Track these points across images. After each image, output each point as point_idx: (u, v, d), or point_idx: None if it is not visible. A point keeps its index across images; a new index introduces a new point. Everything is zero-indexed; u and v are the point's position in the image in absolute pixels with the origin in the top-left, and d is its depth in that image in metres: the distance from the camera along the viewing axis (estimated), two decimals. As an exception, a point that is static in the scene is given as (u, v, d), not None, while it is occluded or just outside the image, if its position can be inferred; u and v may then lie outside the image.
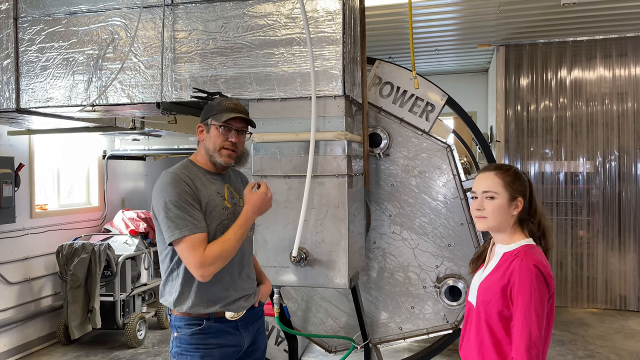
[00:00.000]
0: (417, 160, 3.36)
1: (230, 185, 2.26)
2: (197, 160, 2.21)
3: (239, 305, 2.17)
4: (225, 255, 2.01)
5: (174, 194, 2.00)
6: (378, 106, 3.38)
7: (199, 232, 1.99)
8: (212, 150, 2.15)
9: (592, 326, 5.88)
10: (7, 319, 4.91)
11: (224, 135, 2.13)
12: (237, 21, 2.97)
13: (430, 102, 3.35)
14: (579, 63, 6.55)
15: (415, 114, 3.36)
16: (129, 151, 6.23)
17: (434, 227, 3.34)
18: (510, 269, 1.85)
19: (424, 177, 3.34)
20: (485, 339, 1.91)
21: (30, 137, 5.20)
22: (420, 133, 3.34)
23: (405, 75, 3.36)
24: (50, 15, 3.28)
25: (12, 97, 3.34)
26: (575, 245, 6.62)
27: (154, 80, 3.11)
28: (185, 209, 1.99)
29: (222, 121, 2.12)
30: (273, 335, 3.66)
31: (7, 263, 4.94)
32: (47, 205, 5.59)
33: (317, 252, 2.84)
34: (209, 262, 1.96)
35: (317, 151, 2.80)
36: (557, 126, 6.64)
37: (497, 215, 1.95)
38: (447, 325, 3.39)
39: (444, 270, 3.35)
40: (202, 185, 2.11)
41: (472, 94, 8.31)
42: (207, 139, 2.17)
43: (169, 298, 2.13)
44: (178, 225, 1.97)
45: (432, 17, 5.80)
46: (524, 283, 1.81)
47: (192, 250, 1.96)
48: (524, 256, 1.87)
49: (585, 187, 6.56)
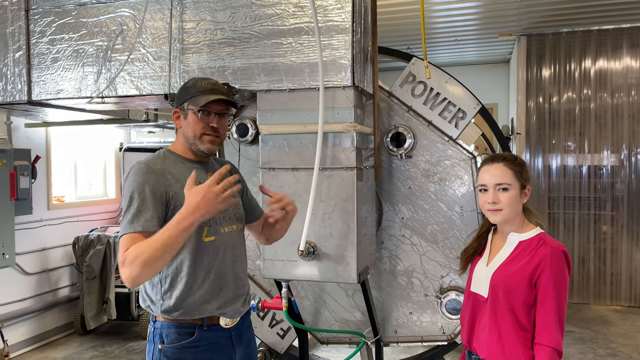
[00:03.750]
0: (439, 166, 3.25)
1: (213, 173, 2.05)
2: (177, 149, 2.04)
3: (234, 310, 2.02)
4: (147, 258, 1.69)
5: (137, 185, 1.84)
6: (408, 105, 3.26)
7: (141, 231, 1.76)
8: (193, 138, 1.97)
9: (614, 324, 5.71)
10: (25, 309, 4.99)
11: (203, 121, 1.94)
12: (245, 10, 2.91)
13: (462, 108, 3.22)
14: (604, 53, 6.34)
15: (445, 119, 3.23)
16: (145, 143, 6.26)
17: (446, 237, 3.25)
18: (539, 255, 1.89)
19: (444, 185, 3.23)
20: (506, 326, 1.93)
21: (47, 129, 5.25)
22: (447, 139, 3.21)
23: (441, 77, 3.23)
24: (61, 7, 3.27)
25: (24, 89, 3.35)
26: (599, 240, 6.44)
27: (162, 72, 3.08)
28: (140, 204, 1.80)
29: (200, 105, 1.92)
30: (268, 317, 3.61)
31: (24, 254, 5.01)
32: (65, 197, 5.65)
33: (325, 246, 2.78)
34: (128, 263, 1.69)
35: (325, 143, 2.73)
36: (580, 118, 6.46)
37: (513, 206, 1.97)
38: (442, 336, 3.30)
39: (449, 282, 3.26)
40: (180, 176, 1.92)
41: (492, 85, 8.14)
42: (186, 125, 1.98)
43: (154, 301, 1.94)
44: (127, 221, 1.80)
45: (452, 6, 5.66)
46: (558, 268, 1.87)
47: (121, 249, 1.76)
48: (551, 243, 1.92)
49: (609, 180, 6.37)
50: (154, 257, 1.70)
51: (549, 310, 1.85)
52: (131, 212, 1.80)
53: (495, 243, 2.10)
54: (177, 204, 1.85)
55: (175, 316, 1.91)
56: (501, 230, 2.08)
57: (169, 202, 1.87)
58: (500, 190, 1.96)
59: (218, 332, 1.98)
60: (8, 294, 4.86)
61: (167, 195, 1.87)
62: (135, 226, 1.77)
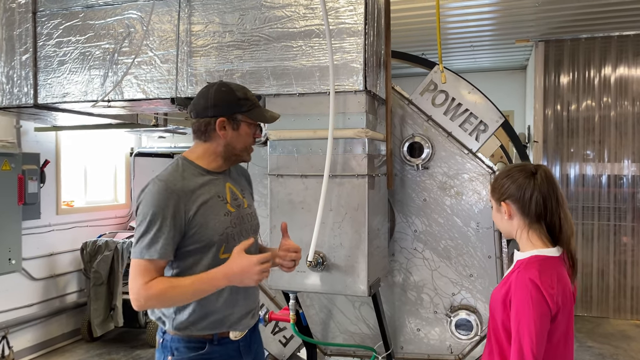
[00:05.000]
0: (456, 179, 3.12)
1: (232, 184, 2.03)
2: (196, 158, 1.95)
3: (245, 324, 1.99)
4: (166, 300, 1.76)
5: (156, 207, 1.77)
6: (428, 114, 3.14)
7: (157, 259, 1.76)
8: (241, 150, 1.96)
9: (635, 339, 5.52)
10: (32, 315, 4.94)
11: (254, 133, 1.97)
12: (254, 13, 2.83)
13: (484, 121, 3.09)
14: (625, 59, 6.17)
15: (465, 131, 3.11)
16: (155, 149, 6.21)
17: (459, 254, 3.11)
18: (510, 280, 1.75)
19: (460, 199, 3.09)
20: (493, 349, 1.82)
21: (57, 133, 5.22)
22: (467, 152, 3.08)
23: (464, 87, 3.10)
24: (68, 9, 3.22)
25: (30, 92, 3.30)
26: (619, 252, 6.25)
27: (170, 75, 3.01)
28: (157, 229, 1.76)
29: (259, 120, 1.95)
30: (271, 324, 3.50)
31: (32, 259, 4.96)
32: (74, 202, 5.61)
33: (334, 256, 2.67)
34: (146, 296, 1.73)
35: (335, 149, 2.63)
36: (599, 126, 6.28)
37: (498, 223, 1.90)
38: (450, 356, 3.16)
39: (460, 300, 3.13)
40: (200, 191, 1.87)
41: (509, 92, 7.99)
42: (235, 137, 1.93)
43: (165, 315, 1.89)
44: (142, 246, 1.76)
45: (467, 10, 5.55)
46: (519, 297, 1.68)
47: (139, 274, 1.74)
48: (523, 269, 1.73)
49: (630, 190, 6.18)
50: (177, 301, 1.80)
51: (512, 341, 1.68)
52: (149, 235, 1.76)
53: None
54: (198, 223, 1.83)
55: (187, 332, 1.88)
56: None
57: (189, 222, 1.83)
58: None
59: (228, 344, 1.95)
60: (14, 299, 4.82)
61: (187, 216, 1.82)
62: (152, 252, 1.76)
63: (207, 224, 1.85)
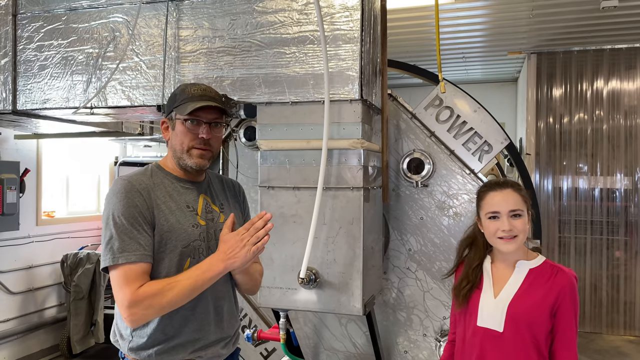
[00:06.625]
0: (455, 200, 3.01)
1: (208, 195, 1.85)
2: (166, 165, 1.81)
3: (213, 353, 1.76)
4: (165, 302, 1.54)
5: (120, 207, 1.60)
6: (431, 130, 3.04)
7: (138, 262, 1.56)
8: (180, 152, 1.75)
9: (629, 356, 5.44)
10: (9, 330, 4.74)
11: (192, 132, 1.72)
12: (245, 17, 2.72)
13: (489, 141, 2.99)
14: (617, 73, 6.16)
15: (468, 150, 3.00)
16: (141, 158, 6.05)
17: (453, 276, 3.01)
18: (558, 285, 1.89)
19: (458, 221, 2.98)
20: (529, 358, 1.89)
21: (39, 141, 5.05)
22: (469, 172, 2.98)
23: (470, 104, 3.00)
24: (50, 12, 3.08)
25: (9, 98, 3.15)
26: (611, 266, 6.19)
27: (156, 81, 2.88)
28: (128, 229, 1.58)
29: (187, 113, 1.70)
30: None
31: (9, 272, 4.77)
32: (55, 213, 5.42)
33: (327, 273, 2.55)
34: (140, 303, 1.51)
35: (330, 161, 2.51)
36: (592, 139, 6.25)
37: (526, 232, 1.96)
38: None
39: None
40: (167, 197, 1.71)
41: (500, 104, 7.96)
42: (173, 137, 1.77)
43: (123, 336, 1.70)
44: (115, 249, 1.57)
45: (459, 21, 5.49)
46: (575, 297, 1.90)
47: (124, 284, 1.54)
48: (566, 271, 1.94)
49: (622, 204, 6.14)
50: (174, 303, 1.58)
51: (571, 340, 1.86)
52: (122, 238, 1.58)
53: (498, 273, 2.04)
54: (167, 227, 1.66)
55: (143, 356, 1.68)
56: (504, 258, 2.03)
57: (155, 223, 1.66)
58: (514, 217, 1.93)
59: None
60: (-9, 314, 4.61)
61: (155, 216, 1.66)
62: (131, 256, 1.56)
63: (170, 233, 1.67)
